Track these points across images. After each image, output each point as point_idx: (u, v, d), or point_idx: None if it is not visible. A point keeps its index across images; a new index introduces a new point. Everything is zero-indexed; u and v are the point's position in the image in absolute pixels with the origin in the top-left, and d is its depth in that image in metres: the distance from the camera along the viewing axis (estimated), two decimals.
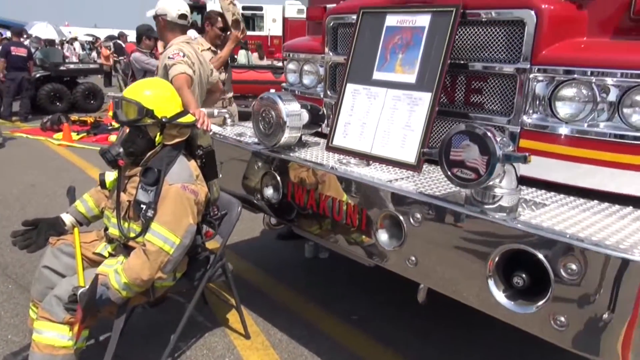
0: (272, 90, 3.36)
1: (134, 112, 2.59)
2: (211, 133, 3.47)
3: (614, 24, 2.36)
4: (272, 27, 20.00)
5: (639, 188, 2.20)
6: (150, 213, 2.55)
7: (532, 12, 2.34)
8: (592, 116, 2.28)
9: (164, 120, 2.64)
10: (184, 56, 3.91)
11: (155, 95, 2.66)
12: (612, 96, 2.22)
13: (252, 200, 3.22)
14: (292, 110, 2.95)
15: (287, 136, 2.96)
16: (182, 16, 4.12)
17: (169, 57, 3.91)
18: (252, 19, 20.98)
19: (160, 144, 2.70)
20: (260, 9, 20.24)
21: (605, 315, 1.81)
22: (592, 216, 2.13)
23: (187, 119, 2.74)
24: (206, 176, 2.88)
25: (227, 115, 3.93)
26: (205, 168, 2.88)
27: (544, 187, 2.45)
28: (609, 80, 2.20)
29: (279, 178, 2.98)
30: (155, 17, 4.12)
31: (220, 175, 3.09)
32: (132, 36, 13.07)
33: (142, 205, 2.58)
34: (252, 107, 3.16)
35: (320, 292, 3.99)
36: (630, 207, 2.23)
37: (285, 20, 19.83)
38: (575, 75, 2.28)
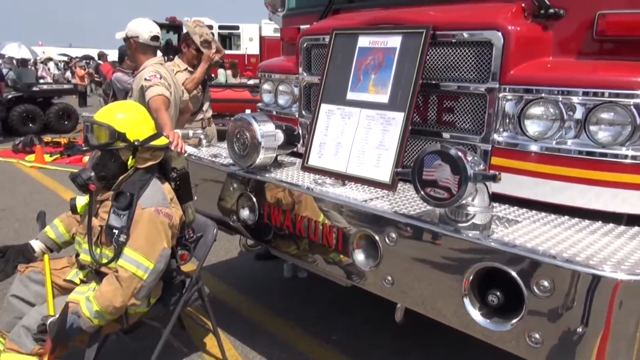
0: (248, 111, 3.36)
1: (106, 135, 2.56)
2: (186, 155, 3.45)
3: (578, 44, 2.43)
4: (249, 45, 20.13)
5: (607, 203, 2.25)
6: (122, 238, 2.51)
7: (499, 34, 2.40)
8: (560, 134, 2.33)
9: (136, 143, 2.61)
10: (160, 78, 3.90)
11: (128, 118, 2.63)
12: (579, 114, 2.28)
13: (228, 221, 3.19)
14: (266, 131, 2.95)
15: (263, 157, 2.95)
16: (154, 38, 4.11)
17: (145, 79, 3.89)
18: (229, 38, 21.06)
19: (132, 167, 2.66)
20: (237, 28, 20.38)
21: (579, 330, 1.83)
22: (563, 232, 2.17)
23: (161, 141, 2.72)
24: (181, 199, 2.84)
25: (202, 137, 3.91)
26: (180, 190, 2.85)
27: (516, 204, 2.49)
28: (575, 99, 2.26)
29: (254, 199, 2.97)
30: (126, 39, 4.09)
31: (195, 198, 3.06)
32: (112, 55, 12.97)
33: (114, 230, 2.53)
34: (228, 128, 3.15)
35: (299, 313, 3.96)
36: (599, 222, 2.28)
37: (262, 39, 19.97)
38: (543, 95, 2.33)
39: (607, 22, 2.29)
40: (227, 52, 19.84)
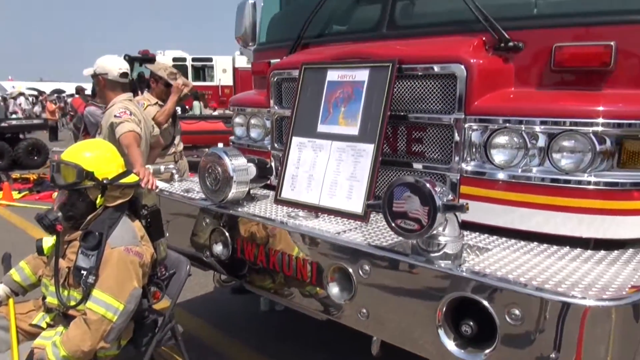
0: (220, 145, 3.36)
1: (73, 175, 2.52)
2: (157, 191, 3.42)
3: (537, 75, 2.53)
4: (222, 77, 20.19)
5: (573, 229, 2.31)
6: (91, 279, 2.45)
7: (462, 67, 2.47)
8: (525, 162, 2.39)
9: (105, 182, 2.58)
10: (130, 114, 3.89)
11: (96, 157, 2.61)
12: (541, 142, 2.35)
13: (202, 257, 3.15)
14: (238, 165, 2.95)
15: (235, 191, 2.95)
16: (124, 75, 4.11)
17: (115, 116, 3.87)
18: (202, 70, 21.13)
19: (101, 206, 2.62)
20: (210, 60, 20.47)
21: (552, 357, 1.84)
22: (532, 258, 2.20)
23: (130, 179, 2.69)
24: (152, 236, 2.81)
25: (174, 171, 3.89)
26: (151, 228, 2.81)
27: (487, 232, 2.53)
28: (537, 128, 2.34)
29: (227, 234, 2.95)
30: (95, 75, 4.08)
31: (167, 234, 3.02)
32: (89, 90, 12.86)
33: (82, 272, 2.47)
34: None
35: (277, 347, 3.89)
36: (567, 248, 2.32)
37: (235, 70, 20.07)
38: (507, 124, 2.40)
39: (563, 54, 2.39)
40: (201, 84, 19.97)
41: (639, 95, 2.32)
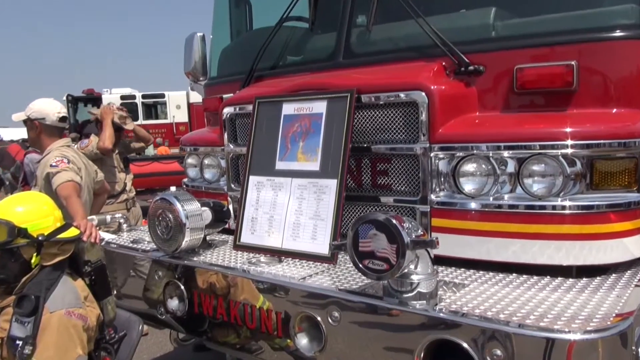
0: (173, 188, 3.31)
1: (4, 233, 2.41)
2: (103, 243, 3.33)
3: (501, 98, 2.60)
4: (176, 113, 20.15)
5: (552, 256, 2.33)
6: (27, 350, 2.31)
7: (423, 94, 2.52)
8: (495, 189, 2.43)
9: (40, 238, 2.48)
10: (68, 162, 3.80)
11: (29, 211, 2.51)
12: (511, 168, 2.40)
13: (156, 314, 3.06)
14: (191, 211, 2.90)
15: (189, 239, 2.89)
16: (63, 119, 4.03)
17: (51, 165, 3.77)
18: (154, 107, 21.07)
19: (37, 265, 2.51)
20: (162, 96, 20.44)
21: None
22: (512, 292, 2.21)
23: (70, 233, 2.60)
24: (97, 295, 2.70)
25: (122, 220, 3.80)
26: (96, 286, 2.71)
27: (463, 266, 2.54)
28: (505, 153, 2.39)
29: (183, 287, 2.87)
30: (29, 120, 3.97)
31: (115, 292, 2.93)
32: (8, 134, 12.55)
33: (17, 342, 2.34)
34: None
35: None
36: (548, 277, 2.35)
37: (190, 106, 20.09)
38: (474, 151, 2.44)
39: (524, 75, 2.47)
40: (153, 122, 19.87)
41: (605, 114, 2.42)
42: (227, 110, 3.36)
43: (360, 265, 2.10)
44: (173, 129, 19.76)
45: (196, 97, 19.46)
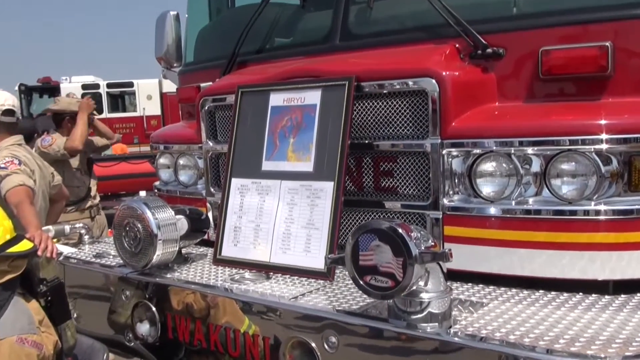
0: (142, 193, 3.31)
1: None
2: (61, 258, 3.33)
3: (524, 86, 2.61)
4: (147, 105, 20.13)
5: (585, 270, 2.34)
6: None
7: (433, 81, 2.53)
8: (518, 191, 2.44)
9: None
10: (20, 164, 3.79)
11: None
12: (536, 167, 2.41)
13: (123, 341, 3.05)
14: (164, 219, 2.89)
15: (161, 253, 2.88)
16: (8, 112, 3.98)
17: (0, 167, 3.76)
18: (121, 98, 21.06)
19: None
20: (131, 85, 20.41)
21: None
22: (538, 311, 2.21)
23: (22, 246, 2.59)
24: (54, 319, 2.70)
25: (83, 231, 3.79)
26: (52, 308, 2.71)
27: (480, 281, 2.54)
28: (529, 150, 2.40)
29: (154, 309, 2.87)
30: None
31: (75, 315, 2.93)
32: None
33: None
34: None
35: None
36: (580, 294, 2.35)
37: (163, 96, 20.08)
38: (493, 148, 2.45)
39: (551, 59, 2.47)
40: (121, 115, 19.85)
41: None
42: (205, 102, 3.36)
43: (361, 282, 2.10)
44: (143, 123, 19.72)
45: (170, 86, 19.46)
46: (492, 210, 2.47)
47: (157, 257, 2.88)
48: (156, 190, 3.91)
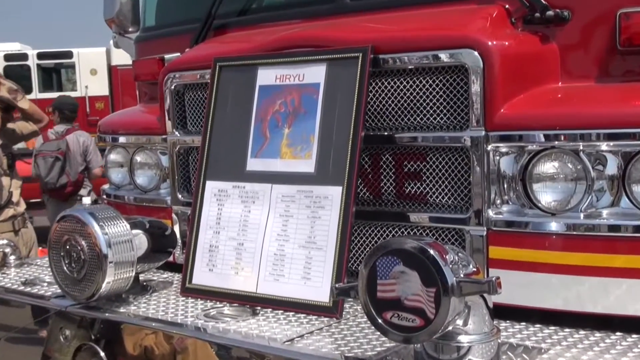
0: (86, 200, 3.31)
1: None
2: None
3: (597, 60, 2.62)
4: (90, 82, 20.11)
5: None
6: None
7: (475, 54, 2.53)
8: (588, 201, 2.44)
9: None
10: None
11: None
12: (612, 168, 2.41)
13: None
14: (116, 235, 2.90)
15: (112, 280, 2.88)
16: None
17: None
18: (56, 72, 21.05)
19: None
20: (69, 55, 20.40)
21: None
22: None
23: None
24: None
25: (7, 250, 3.80)
26: None
27: (538, 320, 2.54)
28: (604, 146, 2.40)
29: (103, 354, 2.87)
30: None
31: None
32: None
33: None
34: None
35: None
36: None
37: (112, 71, 20.07)
38: (555, 142, 2.46)
39: (633, 24, 2.48)
40: (55, 95, 19.72)
41: None
42: (172, 79, 3.37)
43: (380, 320, 2.10)
44: (86, 107, 19.67)
45: (122, 58, 19.44)
46: (554, 226, 2.47)
47: (107, 285, 2.88)
48: (105, 197, 3.91)
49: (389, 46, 2.71)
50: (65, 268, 2.98)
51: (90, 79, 20.18)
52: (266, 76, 2.93)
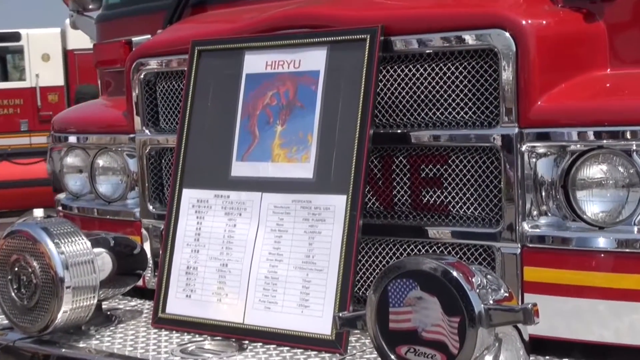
0: (37, 212, 3.31)
1: None
2: None
3: None
4: (42, 70, 20.10)
5: None
6: None
7: (507, 34, 2.54)
8: None
9: None
10: None
11: None
12: None
13: None
14: (75, 254, 2.91)
15: (69, 308, 2.89)
16: None
17: None
18: (0, 58, 21.02)
19: None
20: (16, 37, 20.39)
21: None
22: None
23: None
24: None
25: None
26: None
27: (582, 355, 2.56)
28: None
29: None
30: None
31: None
32: None
33: None
34: None
35: None
36: None
37: (68, 56, 20.07)
38: (603, 141, 2.46)
39: None
40: (1, 85, 19.74)
41: None
42: (141, 66, 3.38)
43: (393, 357, 2.11)
44: (36, 99, 19.71)
45: (79, 41, 19.45)
46: (602, 242, 2.48)
47: (64, 314, 2.88)
48: (60, 208, 3.92)
49: (402, 26, 2.72)
50: (13, 294, 2.99)
51: (42, 66, 20.17)
52: (254, 63, 2.94)
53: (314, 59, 2.81)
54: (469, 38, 2.63)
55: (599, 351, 2.53)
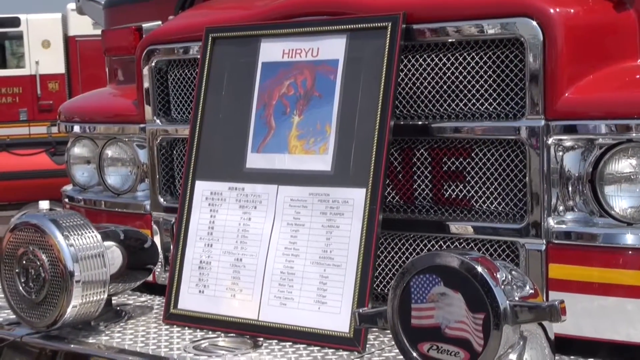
0: (44, 204, 3.33)
1: None
2: None
3: None
4: (42, 57, 20.03)
5: None
6: None
7: (534, 23, 2.56)
8: None
9: None
10: None
11: None
12: None
13: None
14: (84, 248, 2.92)
15: (79, 303, 2.91)
16: None
17: None
18: None
19: None
20: (15, 22, 20.32)
21: None
22: None
23: None
24: None
25: None
26: None
27: (609, 355, 2.57)
28: None
29: None
30: None
31: None
32: None
33: None
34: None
35: None
36: None
37: (70, 42, 20.00)
38: (633, 135, 2.48)
39: None
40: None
41: None
42: (152, 54, 3.40)
43: (415, 354, 2.13)
44: (37, 88, 19.67)
45: (82, 27, 19.40)
46: (630, 239, 2.49)
47: (73, 309, 2.90)
48: (66, 201, 3.94)
49: (425, 14, 2.74)
50: (20, 288, 3.00)
51: (42, 52, 20.11)
52: (271, 51, 2.96)
53: (333, 48, 2.83)
54: (494, 27, 2.64)
55: (627, 351, 2.54)
